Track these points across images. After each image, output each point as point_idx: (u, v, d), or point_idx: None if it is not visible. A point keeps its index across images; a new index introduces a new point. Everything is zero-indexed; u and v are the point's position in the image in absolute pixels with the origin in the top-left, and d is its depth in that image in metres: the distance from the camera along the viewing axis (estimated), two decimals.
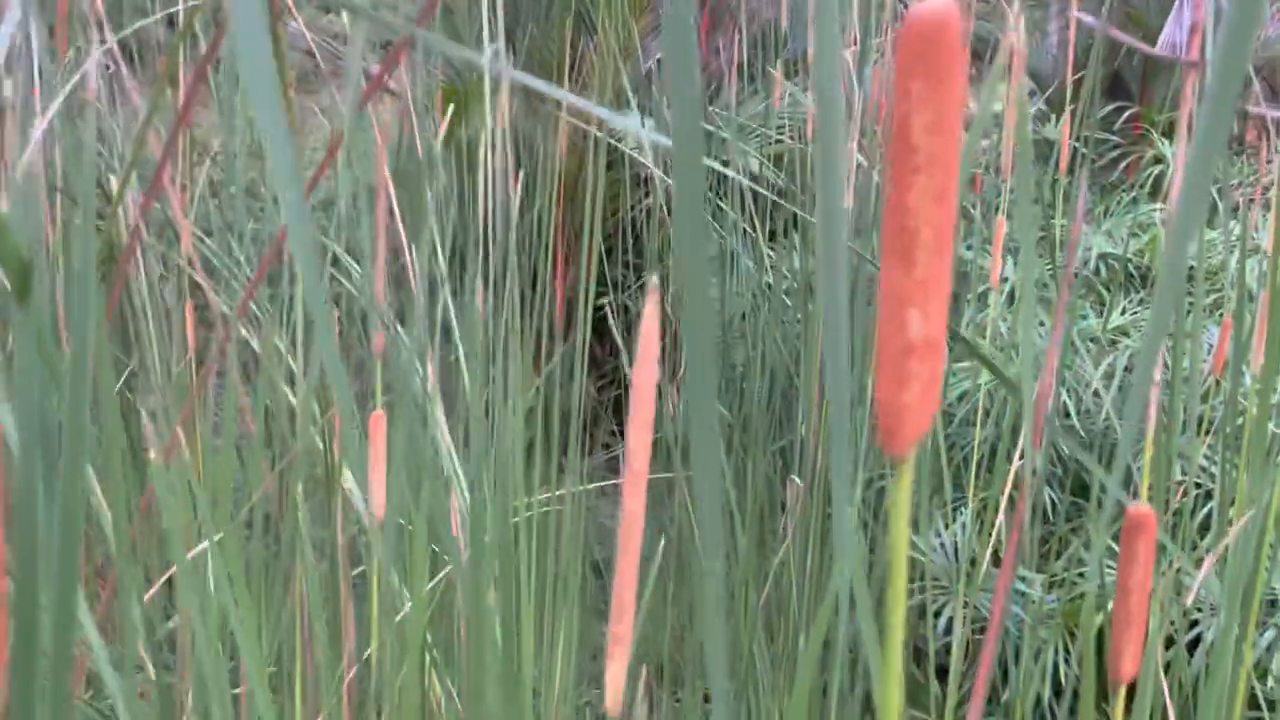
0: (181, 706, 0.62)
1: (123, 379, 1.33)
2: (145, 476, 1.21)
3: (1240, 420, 0.91)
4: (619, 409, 2.89)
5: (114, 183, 1.18)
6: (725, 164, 1.76)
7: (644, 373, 0.25)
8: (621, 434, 2.82)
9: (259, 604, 0.67)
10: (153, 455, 0.49)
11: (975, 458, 1.26)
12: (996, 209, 1.56)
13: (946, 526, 1.49)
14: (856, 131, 0.95)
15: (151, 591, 0.75)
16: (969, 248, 1.95)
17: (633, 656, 1.77)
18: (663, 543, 1.27)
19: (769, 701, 1.20)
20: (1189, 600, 0.67)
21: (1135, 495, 1.70)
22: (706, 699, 1.37)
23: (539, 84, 0.37)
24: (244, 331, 1.16)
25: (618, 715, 0.25)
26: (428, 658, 0.71)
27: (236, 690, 0.69)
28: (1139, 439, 1.71)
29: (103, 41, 1.07)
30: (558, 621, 1.14)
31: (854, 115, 0.95)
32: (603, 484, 2.45)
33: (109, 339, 1.33)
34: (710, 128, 1.99)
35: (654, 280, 0.26)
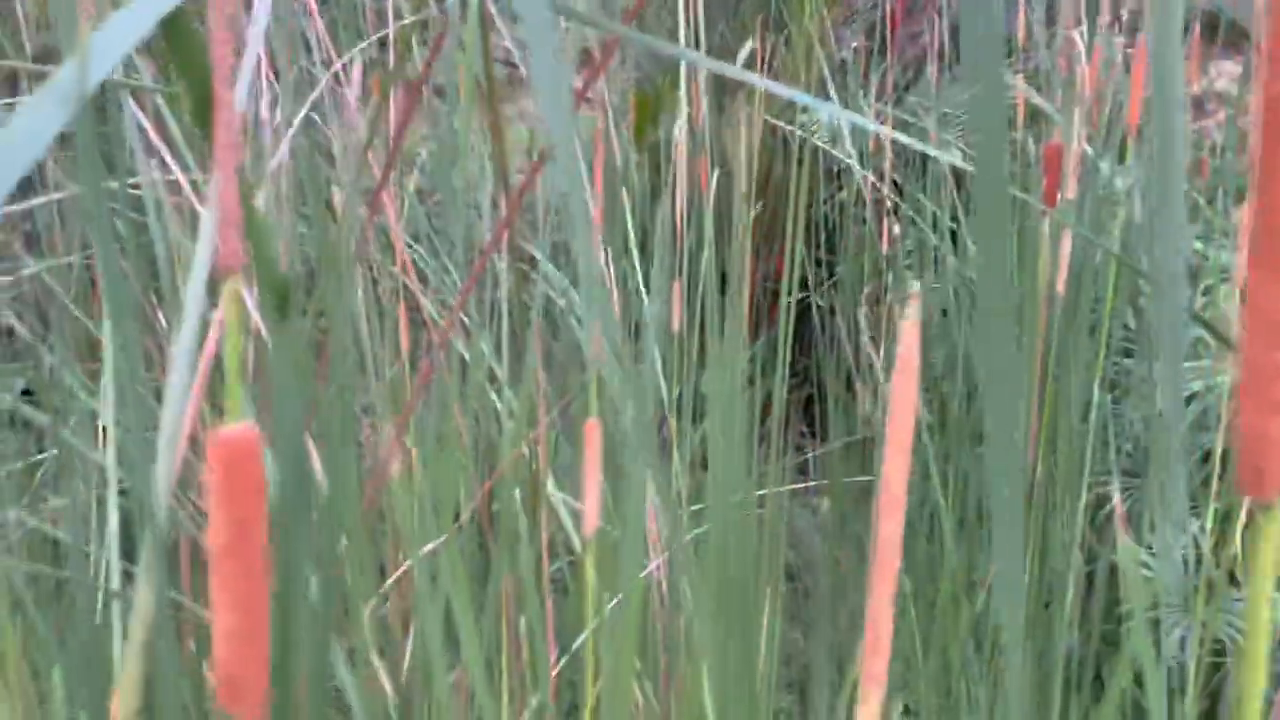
0: (405, 695, 0.64)
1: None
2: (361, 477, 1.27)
3: None
4: (810, 409, 2.84)
5: (336, 196, 1.24)
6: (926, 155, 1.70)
7: (903, 388, 0.22)
8: (814, 435, 2.78)
9: (474, 601, 0.69)
10: (392, 468, 0.51)
11: (1212, 463, 1.16)
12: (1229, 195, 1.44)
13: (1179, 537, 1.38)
14: (1080, 117, 0.88)
15: (384, 587, 0.78)
16: (1199, 239, 1.80)
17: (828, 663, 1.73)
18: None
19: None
20: None
21: None
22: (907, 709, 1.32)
23: (732, 70, 0.35)
24: (452, 337, 1.19)
25: None
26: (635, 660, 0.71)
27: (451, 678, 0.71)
28: None
29: (327, 64, 1.12)
30: (756, 626, 1.13)
31: (1080, 99, 0.88)
32: (794, 486, 2.40)
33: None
34: (909, 118, 1.92)
35: (914, 286, 0.23)
